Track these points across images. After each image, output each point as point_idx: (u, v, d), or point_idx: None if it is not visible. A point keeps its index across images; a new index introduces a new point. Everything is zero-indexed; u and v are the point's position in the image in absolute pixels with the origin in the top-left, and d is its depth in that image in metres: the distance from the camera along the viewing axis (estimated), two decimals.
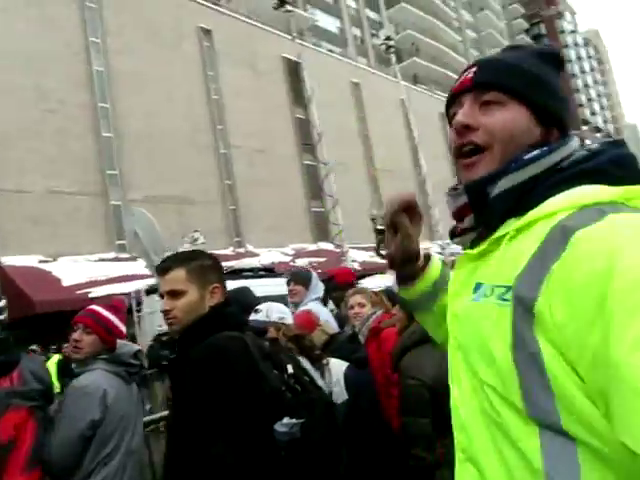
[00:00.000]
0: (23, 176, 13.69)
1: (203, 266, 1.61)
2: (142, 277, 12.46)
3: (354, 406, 2.49)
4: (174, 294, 1.55)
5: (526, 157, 0.75)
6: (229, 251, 17.57)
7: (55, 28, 15.43)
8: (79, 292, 11.63)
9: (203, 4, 21.62)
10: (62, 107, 15.00)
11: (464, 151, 0.81)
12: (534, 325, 0.61)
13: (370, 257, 19.37)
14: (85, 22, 16.53)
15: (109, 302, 2.46)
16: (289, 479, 1.39)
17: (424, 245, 1.04)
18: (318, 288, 3.63)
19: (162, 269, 1.59)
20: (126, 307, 2.59)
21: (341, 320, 3.29)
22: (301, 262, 17.74)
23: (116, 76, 16.69)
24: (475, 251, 0.78)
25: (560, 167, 0.75)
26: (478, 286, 0.74)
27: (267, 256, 17.29)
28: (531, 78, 0.80)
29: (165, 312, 1.55)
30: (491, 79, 0.80)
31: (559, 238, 0.62)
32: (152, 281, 11.25)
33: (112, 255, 15.01)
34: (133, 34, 17.50)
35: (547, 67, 0.83)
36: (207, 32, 20.87)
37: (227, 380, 1.40)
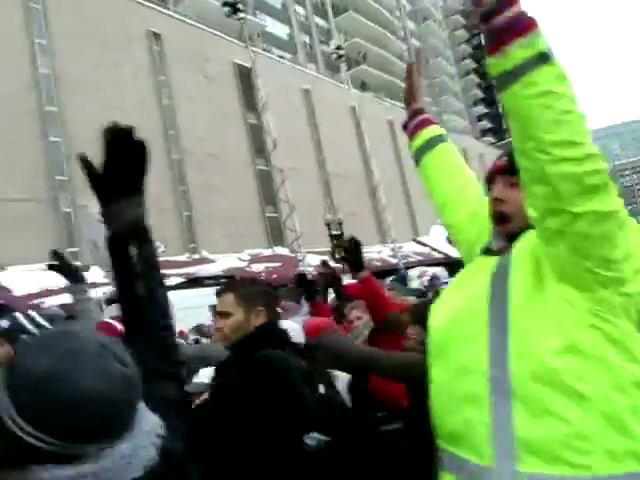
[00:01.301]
0: None
1: (250, 292, 1.84)
2: (96, 285, 12.20)
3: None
4: (223, 315, 1.79)
5: None
6: (185, 257, 17.46)
7: None
8: (32, 302, 11.29)
9: (151, 7, 21.35)
10: (8, 111, 14.50)
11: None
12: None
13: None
14: (29, 24, 16.04)
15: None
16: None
17: (375, 249, 1.32)
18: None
19: (218, 292, 1.84)
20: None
21: None
22: (257, 267, 17.86)
23: (64, 79, 16.27)
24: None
25: None
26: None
27: (223, 262, 17.29)
28: None
29: (218, 329, 1.80)
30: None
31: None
32: (110, 289, 11.03)
33: None
34: (79, 37, 17.09)
35: None
36: (157, 36, 20.62)
37: (267, 391, 1.57)
